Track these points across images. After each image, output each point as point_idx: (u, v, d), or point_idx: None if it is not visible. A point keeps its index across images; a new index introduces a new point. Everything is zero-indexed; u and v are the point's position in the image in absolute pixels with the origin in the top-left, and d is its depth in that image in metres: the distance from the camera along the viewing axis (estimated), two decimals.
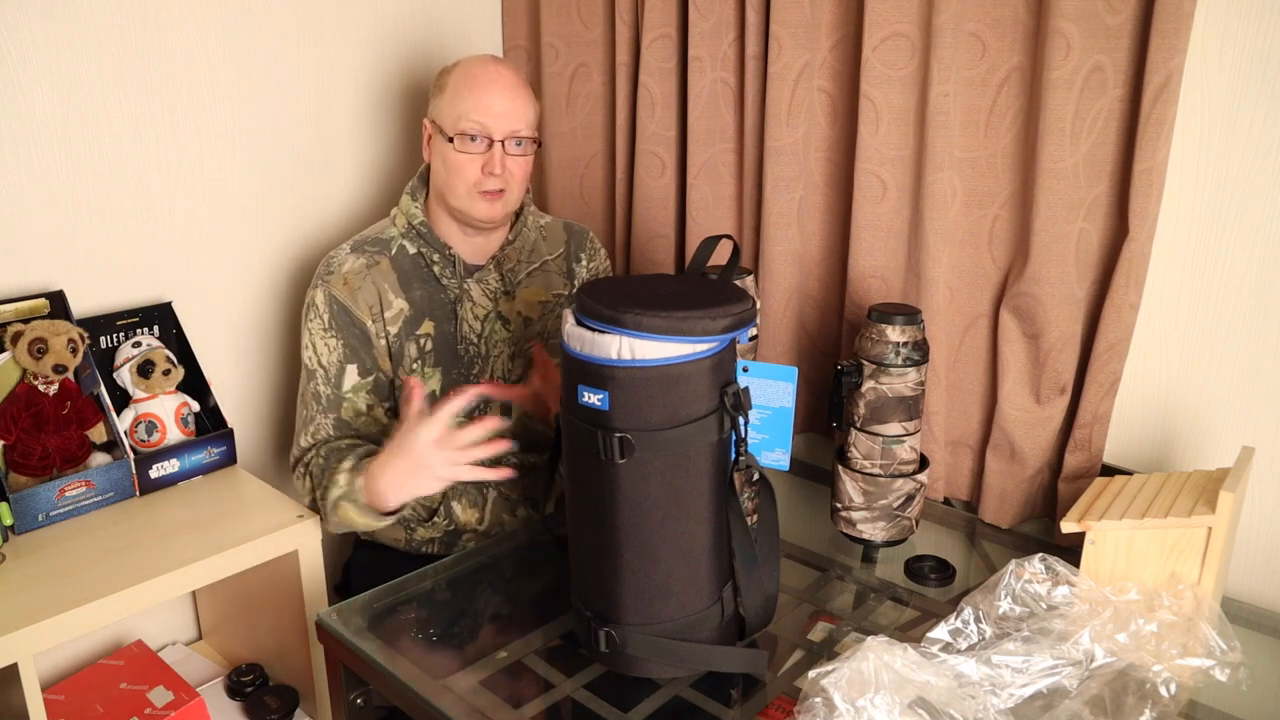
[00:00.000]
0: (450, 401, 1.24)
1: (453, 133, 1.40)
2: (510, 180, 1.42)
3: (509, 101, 1.40)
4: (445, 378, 1.47)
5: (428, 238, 1.46)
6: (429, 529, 1.51)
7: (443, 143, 1.42)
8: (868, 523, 1.33)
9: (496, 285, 1.50)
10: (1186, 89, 1.22)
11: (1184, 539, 1.10)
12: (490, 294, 1.50)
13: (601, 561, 1.04)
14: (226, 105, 1.61)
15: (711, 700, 1.05)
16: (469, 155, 1.40)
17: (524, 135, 1.42)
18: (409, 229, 1.47)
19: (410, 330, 1.45)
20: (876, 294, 1.49)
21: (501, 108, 1.39)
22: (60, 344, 1.36)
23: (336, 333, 1.42)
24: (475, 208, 1.42)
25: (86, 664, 1.53)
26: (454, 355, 1.47)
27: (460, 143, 1.40)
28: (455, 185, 1.41)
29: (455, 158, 1.40)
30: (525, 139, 1.43)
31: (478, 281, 1.49)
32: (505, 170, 1.40)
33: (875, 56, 1.40)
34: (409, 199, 1.49)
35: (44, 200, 1.44)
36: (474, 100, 1.39)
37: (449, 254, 1.47)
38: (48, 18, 1.40)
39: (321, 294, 1.43)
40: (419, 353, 1.46)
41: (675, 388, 0.97)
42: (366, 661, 1.13)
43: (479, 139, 1.39)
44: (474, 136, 1.39)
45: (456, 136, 1.40)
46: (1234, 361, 1.26)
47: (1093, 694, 0.98)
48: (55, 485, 1.33)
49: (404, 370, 1.45)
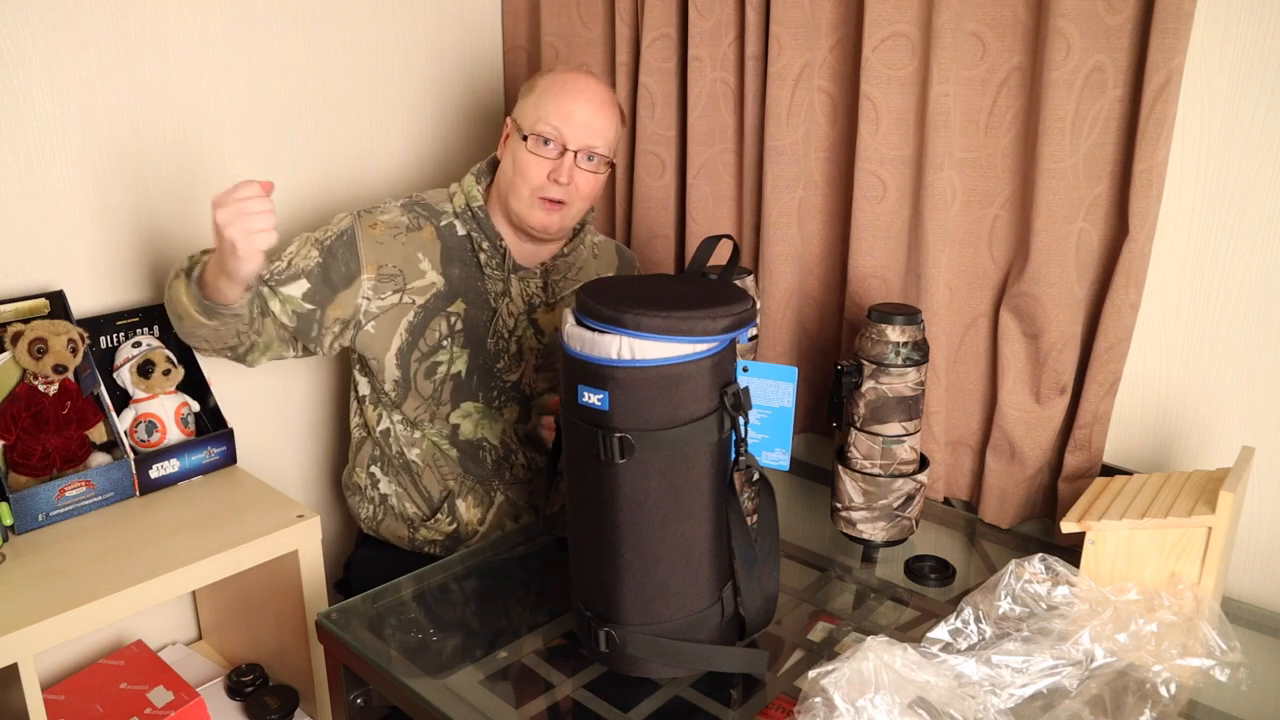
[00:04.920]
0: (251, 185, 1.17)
1: (529, 132, 1.39)
2: (574, 194, 1.40)
3: (593, 115, 1.39)
4: (471, 361, 1.46)
5: (483, 223, 1.44)
6: (432, 529, 1.51)
7: (517, 141, 1.40)
8: (868, 523, 1.33)
9: (536, 291, 1.49)
10: (1186, 89, 1.22)
11: (1184, 539, 1.10)
12: (527, 296, 1.48)
13: (601, 561, 1.04)
14: (227, 105, 1.61)
15: (711, 700, 1.05)
16: (538, 158, 1.38)
17: (599, 153, 1.41)
18: (465, 209, 1.46)
19: (441, 306, 1.43)
20: (876, 294, 1.49)
21: (583, 118, 1.38)
22: (60, 344, 1.36)
23: (324, 253, 1.37)
24: (533, 214, 1.40)
25: (86, 664, 1.53)
26: (483, 343, 1.46)
27: (533, 143, 1.38)
28: (519, 186, 1.40)
29: (525, 158, 1.39)
30: (600, 157, 1.41)
31: (520, 280, 1.48)
32: (572, 182, 1.39)
33: (875, 56, 1.40)
34: (472, 180, 1.47)
35: (44, 200, 1.44)
36: (558, 105, 1.38)
37: (500, 244, 1.45)
38: (47, 18, 1.40)
39: (348, 220, 1.40)
40: (449, 330, 1.44)
41: (675, 388, 0.97)
42: (366, 661, 1.13)
43: (552, 144, 1.38)
44: (548, 140, 1.38)
45: (531, 136, 1.38)
46: (1234, 361, 1.26)
47: (1093, 694, 0.98)
48: (55, 485, 1.33)
49: (427, 343, 1.43)
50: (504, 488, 1.51)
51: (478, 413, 1.48)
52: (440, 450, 1.49)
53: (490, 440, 1.50)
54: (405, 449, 1.50)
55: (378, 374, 1.46)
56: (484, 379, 1.47)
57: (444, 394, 1.46)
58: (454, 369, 1.45)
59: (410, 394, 1.45)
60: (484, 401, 1.48)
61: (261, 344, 1.37)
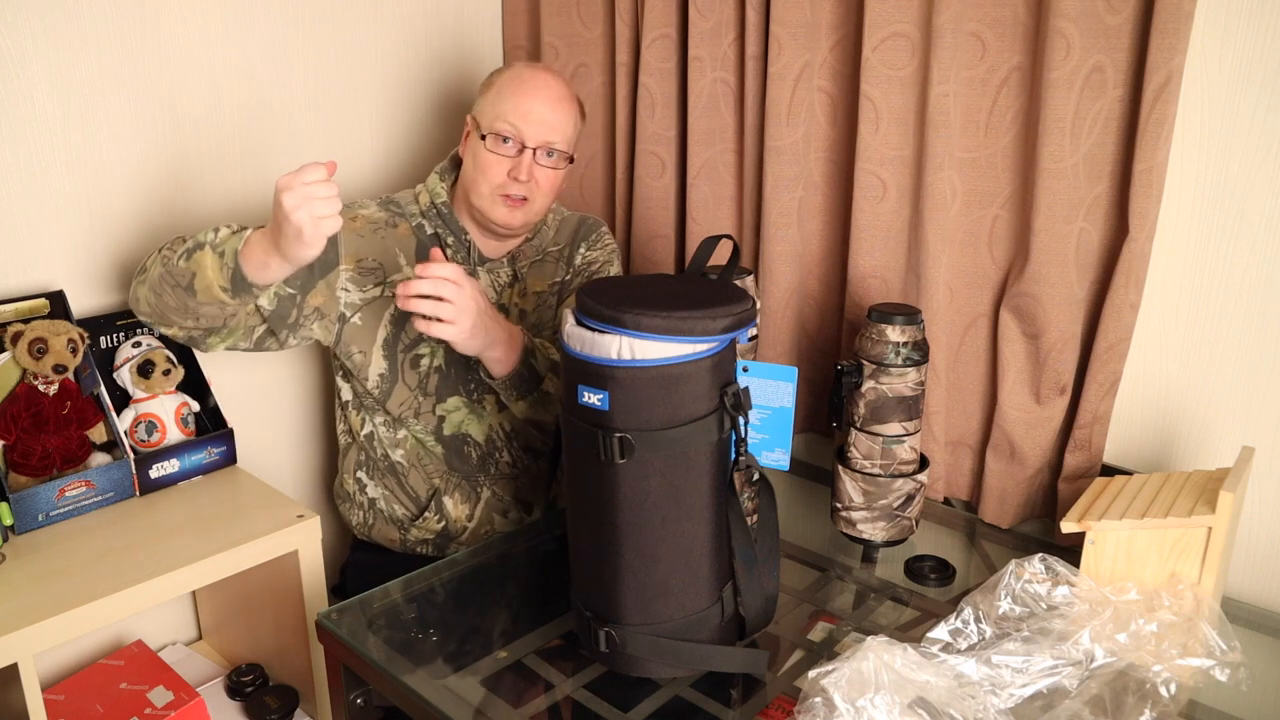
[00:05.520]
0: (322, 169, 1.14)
1: (487, 130, 1.40)
2: (535, 190, 1.41)
3: (550, 111, 1.39)
4: (448, 353, 1.46)
5: (447, 219, 1.46)
6: (421, 529, 1.51)
7: (477, 139, 1.41)
8: (868, 523, 1.33)
9: (507, 280, 1.50)
10: (1186, 89, 1.22)
11: (1184, 539, 1.10)
12: (498, 287, 1.49)
13: (601, 561, 1.04)
14: (227, 105, 1.61)
15: (711, 700, 1.05)
16: (497, 156, 1.39)
17: (557, 148, 1.41)
18: (430, 207, 1.47)
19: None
20: (876, 294, 1.49)
21: (540, 115, 1.39)
22: (60, 344, 1.36)
23: None
24: (495, 211, 1.41)
25: (86, 664, 1.53)
26: None
27: (492, 142, 1.39)
28: (480, 184, 1.41)
29: (485, 156, 1.39)
30: (558, 152, 1.42)
31: (489, 271, 1.48)
32: (532, 179, 1.39)
33: (875, 56, 1.40)
34: (436, 178, 1.48)
35: (44, 200, 1.44)
36: (515, 103, 1.39)
37: (465, 239, 1.46)
38: (47, 18, 1.40)
39: None
40: None
41: (675, 388, 0.97)
42: (366, 661, 1.13)
43: (511, 141, 1.39)
44: (506, 138, 1.39)
45: (489, 135, 1.39)
46: (1234, 361, 1.26)
47: (1093, 694, 0.98)
48: (55, 485, 1.33)
49: (410, 335, 1.43)
50: (490, 483, 1.52)
51: (464, 407, 1.48)
52: (425, 448, 1.49)
53: (474, 436, 1.49)
54: (389, 450, 1.50)
55: (361, 372, 1.45)
56: (461, 372, 1.47)
57: (430, 385, 1.46)
58: (435, 362, 1.46)
59: (397, 385, 1.45)
60: (465, 395, 1.48)
61: (228, 329, 1.34)
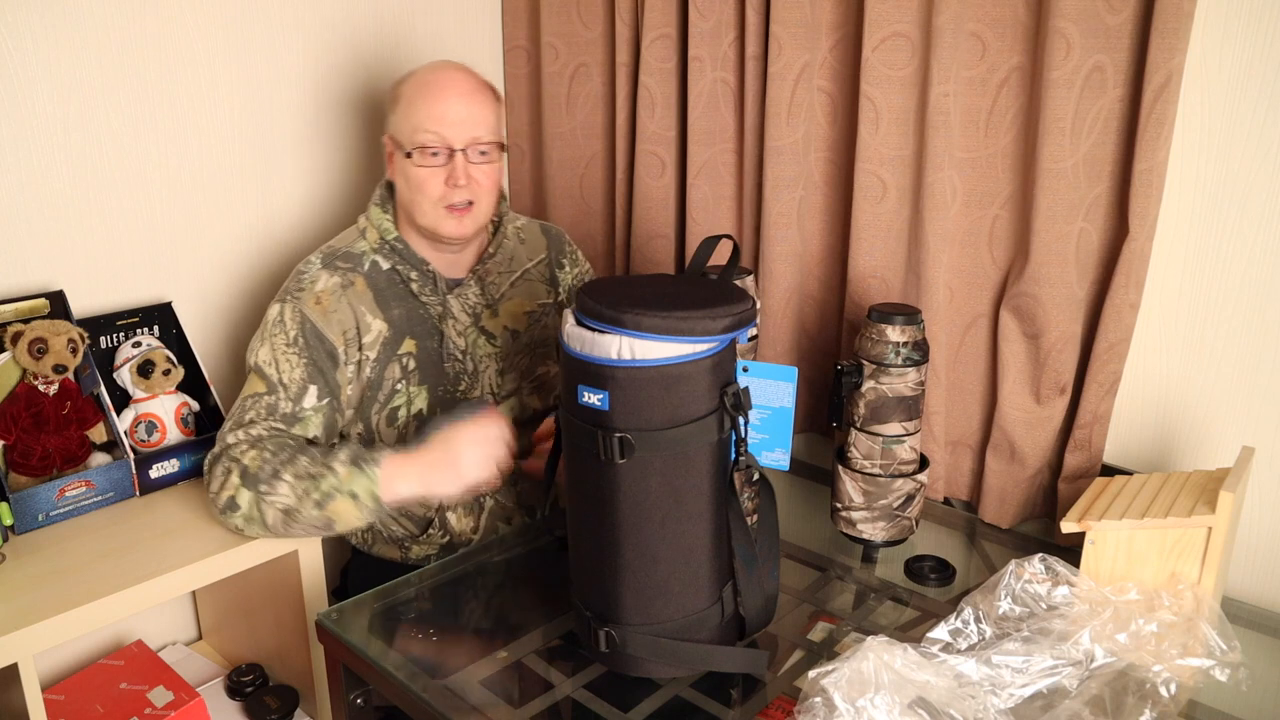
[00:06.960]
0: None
1: (411, 147, 1.34)
2: (478, 191, 1.36)
3: (466, 107, 1.34)
4: (432, 395, 1.42)
5: (404, 254, 1.40)
6: (425, 544, 1.49)
7: (402, 159, 1.36)
8: (868, 523, 1.33)
9: (477, 300, 1.46)
10: (1186, 89, 1.22)
11: (1184, 539, 1.10)
12: (470, 310, 1.45)
13: (601, 561, 1.04)
14: (227, 105, 1.61)
15: (711, 700, 1.05)
16: (430, 169, 1.34)
17: (486, 141, 1.36)
18: (381, 244, 1.41)
19: (391, 351, 1.39)
20: (876, 294, 1.49)
21: (458, 115, 1.33)
22: (60, 344, 1.36)
23: (302, 351, 1.33)
24: (443, 225, 1.36)
25: (86, 664, 1.53)
26: (440, 372, 1.42)
27: (420, 157, 1.34)
28: (420, 203, 1.36)
29: (416, 173, 1.34)
30: (489, 145, 1.37)
31: (457, 297, 1.44)
32: (471, 180, 1.35)
33: (875, 56, 1.40)
34: (378, 210, 1.43)
35: (44, 200, 1.44)
36: (428, 110, 1.33)
37: (427, 270, 1.41)
38: (47, 18, 1.40)
39: (291, 309, 1.34)
40: (402, 372, 1.40)
41: (675, 388, 0.97)
42: (366, 661, 1.13)
43: (439, 151, 1.34)
44: (433, 150, 1.34)
45: (415, 151, 1.34)
46: (1234, 361, 1.26)
47: (1093, 694, 0.98)
48: (55, 485, 1.33)
49: (384, 392, 1.39)
50: (491, 493, 1.48)
51: None
52: None
53: None
54: None
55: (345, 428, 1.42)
56: (447, 409, 1.42)
57: (409, 436, 1.42)
58: (414, 408, 1.42)
59: (376, 444, 1.41)
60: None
61: None
